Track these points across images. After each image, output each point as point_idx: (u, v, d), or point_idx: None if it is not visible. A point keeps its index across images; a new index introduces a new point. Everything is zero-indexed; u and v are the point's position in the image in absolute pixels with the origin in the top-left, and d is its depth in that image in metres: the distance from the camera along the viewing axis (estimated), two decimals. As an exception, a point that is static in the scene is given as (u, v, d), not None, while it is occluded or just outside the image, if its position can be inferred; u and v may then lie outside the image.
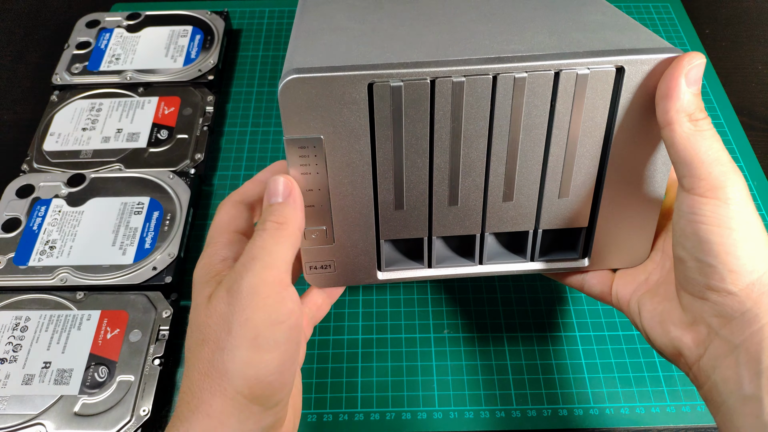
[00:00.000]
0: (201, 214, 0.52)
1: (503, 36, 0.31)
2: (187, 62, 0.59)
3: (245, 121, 0.59)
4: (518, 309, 0.46)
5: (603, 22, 0.32)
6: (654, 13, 0.68)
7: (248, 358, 0.26)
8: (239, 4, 0.70)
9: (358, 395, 0.42)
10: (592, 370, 0.43)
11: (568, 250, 0.35)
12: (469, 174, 0.31)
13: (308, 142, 0.29)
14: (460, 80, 0.28)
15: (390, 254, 0.35)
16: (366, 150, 0.30)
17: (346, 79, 0.28)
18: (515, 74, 0.28)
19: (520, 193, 0.32)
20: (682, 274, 0.29)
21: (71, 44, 0.61)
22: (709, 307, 0.28)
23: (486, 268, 0.35)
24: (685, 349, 0.30)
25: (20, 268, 0.46)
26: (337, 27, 0.34)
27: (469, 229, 0.33)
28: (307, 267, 0.34)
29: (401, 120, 0.29)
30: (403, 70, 0.28)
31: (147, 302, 0.44)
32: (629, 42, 0.29)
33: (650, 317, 0.32)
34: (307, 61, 0.28)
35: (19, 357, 0.42)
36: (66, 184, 0.50)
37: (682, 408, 0.42)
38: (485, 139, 0.30)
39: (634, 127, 0.30)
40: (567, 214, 0.33)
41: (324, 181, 0.31)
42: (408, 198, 0.32)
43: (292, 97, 0.28)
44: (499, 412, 0.42)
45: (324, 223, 0.32)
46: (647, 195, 0.32)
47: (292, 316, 0.28)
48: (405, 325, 0.46)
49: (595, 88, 0.29)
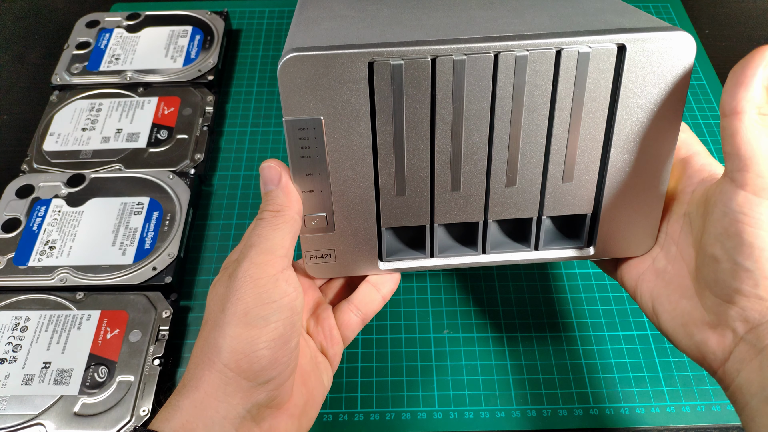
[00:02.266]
0: (201, 214, 0.52)
1: (504, 20, 0.31)
2: (187, 62, 0.59)
3: (245, 121, 0.59)
4: (518, 309, 0.46)
5: (602, 8, 0.32)
6: (654, 13, 0.68)
7: (236, 333, 0.27)
8: (239, 4, 0.70)
9: (358, 395, 0.42)
10: (592, 370, 0.43)
11: (573, 238, 0.35)
12: (471, 157, 0.31)
13: (308, 124, 0.29)
14: (461, 58, 0.28)
15: (391, 244, 0.35)
16: (366, 132, 0.29)
17: (346, 58, 0.27)
18: (516, 52, 0.28)
19: (523, 178, 0.31)
20: (712, 274, 0.28)
21: (71, 44, 0.61)
22: (736, 312, 0.27)
23: (489, 257, 0.34)
24: (710, 354, 0.29)
25: (20, 269, 0.46)
26: (337, 15, 0.34)
27: (472, 216, 0.33)
28: (307, 256, 0.33)
29: (402, 100, 0.29)
30: (403, 48, 0.27)
31: (147, 302, 0.44)
32: (630, 22, 0.29)
33: (671, 318, 0.31)
34: (306, 42, 0.28)
35: (19, 357, 0.42)
36: (66, 184, 0.50)
37: (682, 408, 0.42)
38: (487, 121, 0.30)
39: (638, 108, 0.30)
40: (571, 199, 0.32)
41: (324, 164, 0.30)
42: (409, 183, 0.31)
43: (291, 76, 0.28)
44: (499, 412, 0.42)
45: (324, 210, 0.32)
46: (652, 180, 0.32)
47: (285, 297, 0.28)
48: (405, 325, 0.46)
49: (597, 66, 0.29)
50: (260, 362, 0.27)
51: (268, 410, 0.29)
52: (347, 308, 0.34)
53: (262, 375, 0.28)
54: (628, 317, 0.46)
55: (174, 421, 0.27)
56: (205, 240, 0.51)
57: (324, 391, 0.33)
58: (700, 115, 0.58)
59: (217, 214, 0.52)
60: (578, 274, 0.48)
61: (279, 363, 0.28)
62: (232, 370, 0.27)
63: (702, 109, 0.59)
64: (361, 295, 0.35)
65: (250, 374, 0.27)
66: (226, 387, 0.27)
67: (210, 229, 0.51)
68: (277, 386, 0.29)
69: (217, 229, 0.51)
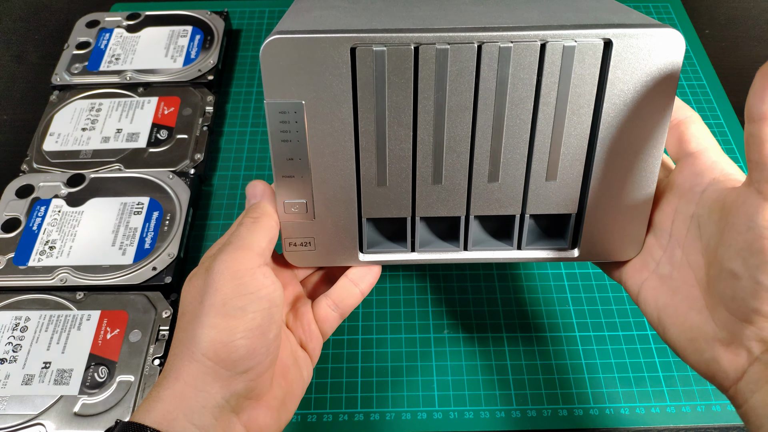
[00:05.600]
0: (201, 214, 0.52)
1: (493, 14, 0.31)
2: (187, 62, 0.59)
3: (245, 121, 0.59)
4: (518, 309, 0.46)
5: (596, 7, 0.32)
6: (654, 13, 0.68)
7: (214, 323, 0.28)
8: (239, 4, 0.70)
9: (358, 395, 0.42)
10: (592, 370, 0.43)
11: (557, 239, 0.34)
12: (453, 150, 0.30)
13: (289, 107, 0.29)
14: (444, 47, 0.27)
15: (372, 236, 0.34)
16: (348, 119, 0.29)
17: (328, 41, 0.27)
18: (500, 44, 0.28)
19: (506, 174, 0.31)
20: (729, 290, 0.26)
21: (71, 44, 0.61)
22: (752, 332, 0.26)
23: (471, 254, 0.34)
24: (721, 372, 0.27)
25: (20, 269, 0.46)
26: (330, 5, 0.34)
27: (454, 211, 0.32)
28: (286, 243, 0.33)
29: (384, 87, 0.28)
30: (386, 35, 0.27)
31: (147, 302, 0.44)
32: (619, 19, 0.29)
33: (679, 332, 0.29)
34: (292, 26, 0.28)
35: (19, 357, 0.42)
36: (66, 184, 0.50)
37: (682, 408, 0.42)
38: (470, 113, 0.29)
39: (625, 106, 0.29)
40: (555, 198, 0.32)
41: (304, 149, 0.30)
42: (391, 173, 0.31)
43: (273, 58, 0.28)
44: (499, 412, 0.42)
45: (304, 197, 0.31)
46: (639, 181, 0.31)
47: (263, 289, 0.29)
48: (405, 325, 0.46)
49: (582, 61, 0.28)
50: (238, 352, 0.28)
51: (247, 401, 0.29)
52: (325, 303, 0.34)
53: (240, 365, 0.28)
54: (628, 317, 0.46)
55: (155, 412, 0.27)
56: (205, 240, 0.51)
57: (303, 385, 0.33)
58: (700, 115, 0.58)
59: (217, 214, 0.52)
60: (578, 274, 0.48)
61: (257, 353, 0.28)
62: (210, 359, 0.28)
63: (702, 109, 0.59)
64: (339, 290, 0.34)
65: (228, 363, 0.28)
66: (204, 376, 0.28)
67: (210, 229, 0.51)
68: (256, 377, 0.29)
69: (217, 229, 0.51)
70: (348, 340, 0.45)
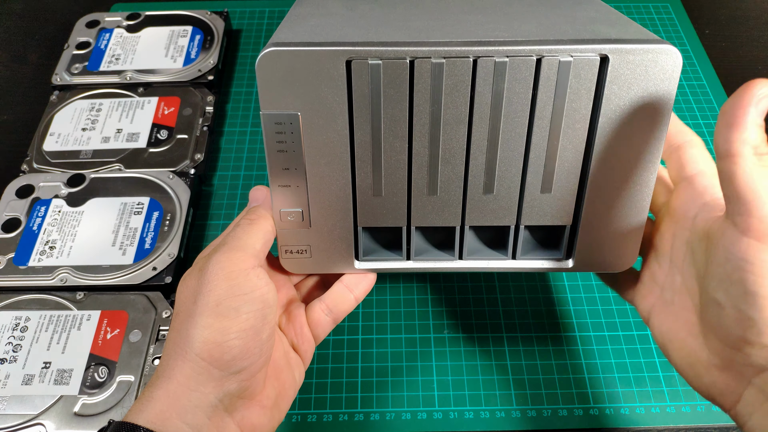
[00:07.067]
0: (201, 215, 0.52)
1: (491, 25, 0.31)
2: (187, 62, 0.59)
3: (245, 121, 0.59)
4: (518, 309, 0.46)
5: (594, 18, 0.32)
6: (654, 13, 0.68)
7: (208, 323, 0.28)
8: (239, 4, 0.70)
9: (358, 395, 0.42)
10: (592, 370, 0.43)
11: (552, 249, 0.34)
12: (448, 162, 0.30)
13: (285, 119, 0.29)
14: (439, 62, 0.28)
15: (368, 244, 0.35)
16: (344, 130, 0.29)
17: (323, 54, 0.27)
18: (496, 58, 0.28)
19: (501, 186, 0.31)
20: (716, 319, 0.27)
21: (71, 44, 0.61)
22: (742, 358, 0.27)
23: (466, 263, 0.34)
24: (719, 397, 0.28)
25: (20, 269, 0.46)
26: (327, 13, 0.34)
27: (449, 221, 0.32)
28: (283, 250, 0.33)
29: (379, 100, 0.29)
30: (382, 48, 0.27)
31: (147, 302, 0.44)
32: (616, 33, 0.29)
33: (680, 358, 0.30)
34: (288, 37, 0.28)
35: (19, 357, 0.42)
36: (66, 184, 0.50)
37: (682, 408, 0.42)
38: (465, 126, 0.29)
39: (621, 121, 0.29)
40: (550, 210, 0.32)
41: (300, 160, 0.30)
42: (386, 184, 0.31)
43: (269, 70, 0.28)
44: (499, 412, 0.42)
45: (300, 205, 0.32)
46: (634, 195, 0.31)
47: (257, 290, 0.29)
48: (405, 325, 0.46)
49: (578, 76, 0.28)
50: (231, 352, 0.28)
51: (240, 401, 0.29)
52: (318, 307, 0.34)
53: (234, 365, 0.28)
54: (628, 317, 0.46)
55: (148, 411, 0.27)
56: (205, 240, 0.51)
57: (296, 386, 0.33)
58: (700, 116, 0.58)
59: (217, 214, 0.52)
60: (578, 274, 0.48)
61: (250, 353, 0.29)
62: (204, 359, 0.28)
63: (702, 109, 0.59)
64: (333, 295, 0.34)
65: (222, 363, 0.28)
66: (198, 376, 0.28)
67: (210, 229, 0.51)
68: (249, 377, 0.29)
69: (217, 229, 0.51)
70: (348, 340, 0.45)
